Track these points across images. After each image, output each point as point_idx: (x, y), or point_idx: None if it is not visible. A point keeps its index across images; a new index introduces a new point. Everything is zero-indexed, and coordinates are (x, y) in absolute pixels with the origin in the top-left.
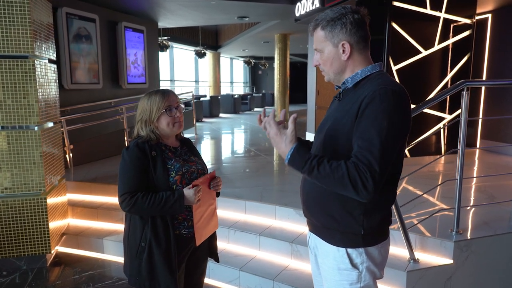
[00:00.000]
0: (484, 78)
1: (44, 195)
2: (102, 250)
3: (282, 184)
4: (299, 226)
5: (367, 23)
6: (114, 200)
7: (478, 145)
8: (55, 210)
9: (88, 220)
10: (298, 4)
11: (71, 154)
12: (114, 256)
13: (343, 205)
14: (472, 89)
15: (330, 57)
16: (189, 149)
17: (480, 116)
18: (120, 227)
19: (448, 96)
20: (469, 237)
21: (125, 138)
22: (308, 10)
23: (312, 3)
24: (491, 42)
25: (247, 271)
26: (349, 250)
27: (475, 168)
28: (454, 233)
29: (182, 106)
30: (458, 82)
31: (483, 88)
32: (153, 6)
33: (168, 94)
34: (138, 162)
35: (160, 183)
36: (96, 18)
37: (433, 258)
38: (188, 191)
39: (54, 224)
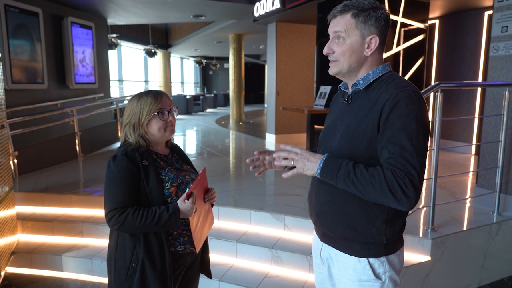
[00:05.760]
0: (432, 81)
1: None
2: (60, 268)
3: (253, 188)
4: (276, 230)
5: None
6: (71, 211)
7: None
8: (4, 227)
9: (42, 235)
10: (257, 4)
11: (15, 161)
12: (76, 274)
13: (365, 215)
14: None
15: (353, 48)
16: (180, 157)
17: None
18: (80, 240)
19: None
20: (443, 234)
21: (76, 142)
22: (268, 11)
23: (272, 4)
24: (438, 47)
25: (227, 281)
26: (371, 260)
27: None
28: (429, 230)
29: (175, 109)
30: (433, 84)
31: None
32: (102, 1)
33: (160, 95)
34: (128, 173)
35: (154, 196)
36: (39, 11)
37: (412, 255)
38: (184, 205)
39: (2, 242)
